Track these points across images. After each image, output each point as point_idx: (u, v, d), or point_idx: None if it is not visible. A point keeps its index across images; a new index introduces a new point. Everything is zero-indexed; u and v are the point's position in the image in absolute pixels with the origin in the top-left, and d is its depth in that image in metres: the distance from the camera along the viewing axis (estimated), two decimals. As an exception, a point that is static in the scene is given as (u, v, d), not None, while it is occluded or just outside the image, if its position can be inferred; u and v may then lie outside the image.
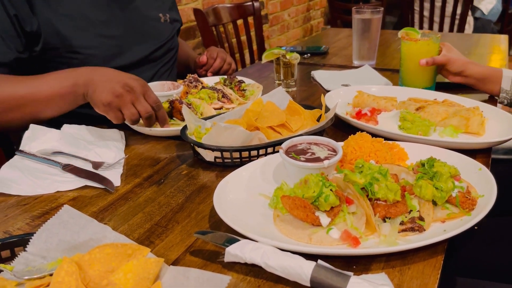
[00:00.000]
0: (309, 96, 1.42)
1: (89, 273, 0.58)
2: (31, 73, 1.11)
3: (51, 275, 0.60)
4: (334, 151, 0.84)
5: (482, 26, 3.66)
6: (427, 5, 3.47)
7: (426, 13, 3.52)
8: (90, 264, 0.58)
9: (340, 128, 1.11)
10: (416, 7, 3.57)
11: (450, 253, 0.97)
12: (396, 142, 0.92)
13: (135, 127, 1.10)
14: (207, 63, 1.51)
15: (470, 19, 3.60)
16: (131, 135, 1.12)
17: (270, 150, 0.94)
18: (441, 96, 1.21)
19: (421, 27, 3.57)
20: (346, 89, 1.29)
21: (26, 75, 1.11)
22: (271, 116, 1.02)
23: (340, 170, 0.75)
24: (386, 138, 0.94)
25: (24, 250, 0.64)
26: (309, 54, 1.87)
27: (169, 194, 0.86)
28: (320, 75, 1.55)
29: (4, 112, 1.05)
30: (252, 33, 2.62)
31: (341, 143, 0.88)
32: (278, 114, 1.03)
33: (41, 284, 0.59)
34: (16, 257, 0.64)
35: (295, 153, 0.84)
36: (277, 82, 1.51)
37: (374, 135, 0.94)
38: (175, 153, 1.03)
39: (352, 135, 0.90)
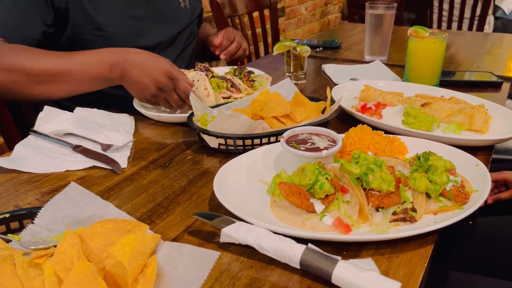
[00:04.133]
0: (318, 89, 1.43)
1: (90, 245, 0.61)
2: (56, 50, 1.14)
3: (55, 246, 0.64)
4: (334, 142, 0.86)
5: (502, 26, 3.60)
6: (446, 5, 3.43)
7: (445, 12, 3.48)
8: (92, 237, 0.62)
9: (344, 121, 1.12)
10: (435, 5, 3.53)
11: (447, 248, 0.99)
12: (397, 136, 0.94)
13: (144, 112, 1.14)
14: (222, 44, 1.46)
15: (490, 19, 3.55)
16: (140, 120, 1.16)
17: (272, 139, 0.96)
18: (449, 93, 1.21)
19: (439, 26, 3.53)
20: (353, 83, 1.31)
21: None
22: (276, 107, 1.04)
23: (337, 160, 0.77)
24: (389, 132, 0.95)
25: (32, 223, 0.68)
26: (321, 48, 1.88)
27: (173, 177, 0.89)
28: (330, 69, 1.56)
29: (34, 85, 1.06)
30: (268, 26, 2.63)
31: (342, 135, 0.90)
32: (283, 104, 1.05)
33: (46, 254, 0.62)
34: (24, 229, 0.68)
35: (296, 142, 0.86)
36: (287, 74, 1.53)
37: (377, 129, 0.96)
38: (181, 139, 1.07)
39: (353, 127, 0.92)
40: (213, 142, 0.97)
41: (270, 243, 0.64)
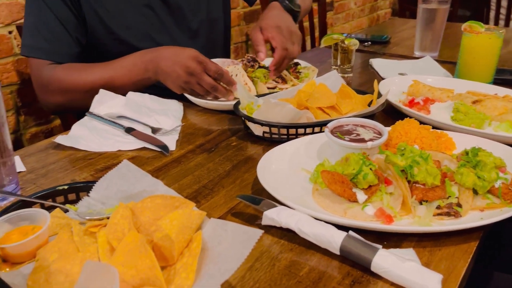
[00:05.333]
0: (365, 82, 1.42)
1: (140, 219, 0.64)
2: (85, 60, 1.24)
3: (108, 218, 0.68)
4: (380, 134, 0.86)
5: None
6: (504, 2, 3.27)
7: (503, 9, 3.32)
8: (142, 211, 0.65)
9: (391, 115, 1.11)
10: (493, 2, 3.38)
11: (493, 248, 0.96)
12: (445, 131, 0.92)
13: (192, 99, 1.18)
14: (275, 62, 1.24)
15: (553, 17, 3.35)
16: (188, 107, 1.20)
17: (317, 129, 0.97)
18: (503, 91, 1.17)
19: (496, 24, 3.38)
20: (402, 78, 1.28)
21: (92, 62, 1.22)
22: (322, 98, 1.05)
23: (382, 151, 0.77)
24: (437, 128, 0.93)
25: (87, 195, 0.73)
26: (369, 42, 1.85)
27: (218, 161, 0.92)
28: (378, 63, 1.54)
29: (88, 98, 1.12)
30: (316, 20, 2.62)
31: (388, 128, 0.89)
32: (329, 96, 1.05)
33: (99, 224, 0.66)
34: (80, 201, 0.73)
35: (341, 133, 0.86)
36: (333, 67, 1.52)
37: (424, 124, 0.94)
38: (226, 126, 1.09)
39: (400, 120, 0.91)
40: (257, 130, 0.99)
41: (311, 228, 0.65)
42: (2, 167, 0.75)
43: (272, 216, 0.68)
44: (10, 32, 1.57)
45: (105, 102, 1.14)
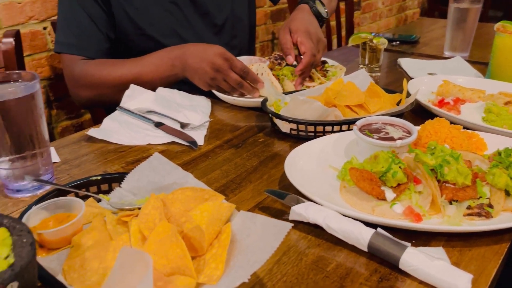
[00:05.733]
0: (393, 82, 1.41)
1: (171, 210, 0.66)
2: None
3: (139, 209, 0.70)
4: (409, 133, 0.85)
5: None
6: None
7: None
8: (173, 203, 0.67)
9: (420, 115, 1.10)
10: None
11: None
12: (476, 132, 0.90)
13: (220, 95, 1.19)
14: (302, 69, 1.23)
15: None
16: (216, 103, 1.21)
17: (344, 127, 0.97)
18: (537, 93, 1.14)
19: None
20: (431, 77, 1.27)
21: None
22: (350, 96, 1.04)
23: (412, 149, 0.76)
24: (467, 129, 0.92)
25: (119, 186, 0.75)
26: (398, 42, 1.83)
27: (245, 157, 0.93)
28: (407, 63, 1.52)
29: (117, 93, 1.16)
30: (342, 19, 2.60)
31: (418, 127, 0.88)
32: (357, 94, 1.05)
33: (131, 214, 0.68)
34: (112, 191, 0.75)
35: (369, 131, 0.86)
36: (361, 66, 1.51)
37: (454, 124, 0.93)
38: (254, 123, 1.10)
39: (429, 120, 0.90)
40: (284, 127, 1.00)
41: (339, 224, 0.65)
42: (39, 157, 0.78)
43: (300, 211, 0.69)
44: (44, 28, 1.62)
45: (135, 97, 1.16)
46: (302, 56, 1.24)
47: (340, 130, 0.96)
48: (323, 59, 1.38)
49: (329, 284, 0.59)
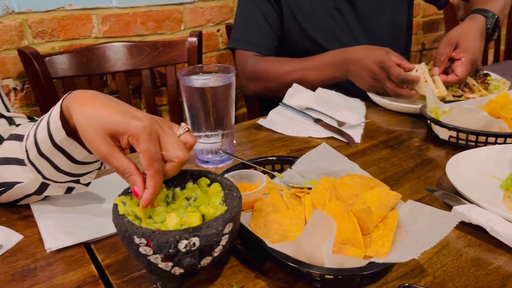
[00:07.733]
0: None
1: (340, 192, 0.74)
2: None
3: (308, 189, 0.80)
4: None
5: None
6: None
7: None
8: (341, 186, 0.75)
9: None
10: None
11: None
12: None
13: (376, 99, 1.25)
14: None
15: None
16: (370, 106, 1.27)
17: (509, 140, 0.95)
18: None
19: None
20: None
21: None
22: (518, 109, 1.02)
23: None
24: None
25: (290, 168, 0.86)
26: None
27: (402, 158, 0.98)
28: None
29: (282, 88, 1.29)
30: (503, 33, 2.43)
31: None
32: (525, 108, 1.01)
33: (302, 191, 0.78)
34: (284, 171, 0.86)
35: (540, 145, 0.84)
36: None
37: None
38: (409, 128, 1.14)
39: None
40: (443, 134, 1.02)
41: (505, 228, 0.67)
42: (226, 137, 0.93)
43: (462, 211, 0.71)
44: (218, 31, 1.86)
45: (296, 95, 1.28)
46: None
47: (504, 142, 0.95)
48: (485, 71, 1.34)
49: (490, 281, 0.61)
